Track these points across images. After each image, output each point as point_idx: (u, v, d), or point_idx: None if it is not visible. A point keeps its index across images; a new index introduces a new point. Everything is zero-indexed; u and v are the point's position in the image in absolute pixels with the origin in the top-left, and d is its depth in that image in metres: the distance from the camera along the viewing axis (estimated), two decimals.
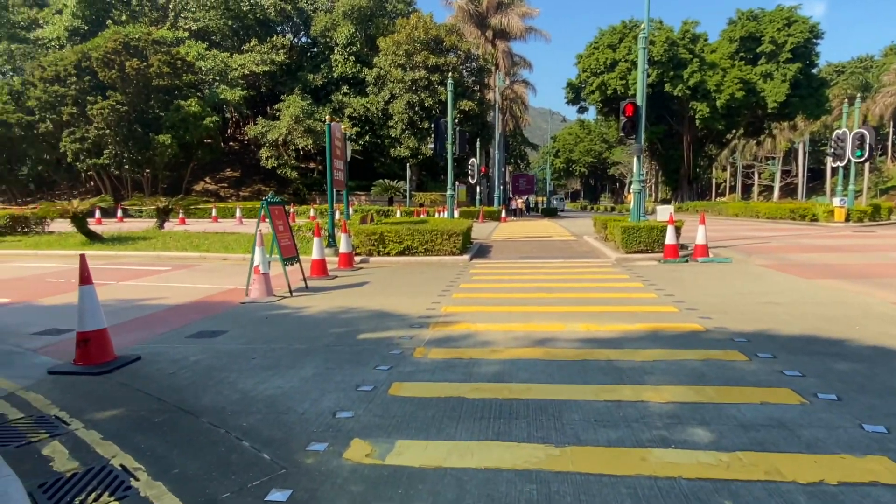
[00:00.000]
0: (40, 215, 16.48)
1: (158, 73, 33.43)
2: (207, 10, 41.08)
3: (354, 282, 10.16)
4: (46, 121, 33.00)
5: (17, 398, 4.32)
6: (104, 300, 8.33)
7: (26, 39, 38.48)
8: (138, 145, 33.82)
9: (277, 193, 44.12)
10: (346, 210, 16.30)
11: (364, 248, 13.67)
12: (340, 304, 7.98)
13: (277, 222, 9.20)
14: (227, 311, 7.67)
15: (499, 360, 5.17)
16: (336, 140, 14.70)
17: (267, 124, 39.40)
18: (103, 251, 14.28)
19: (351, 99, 42.13)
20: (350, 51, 43.00)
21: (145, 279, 10.50)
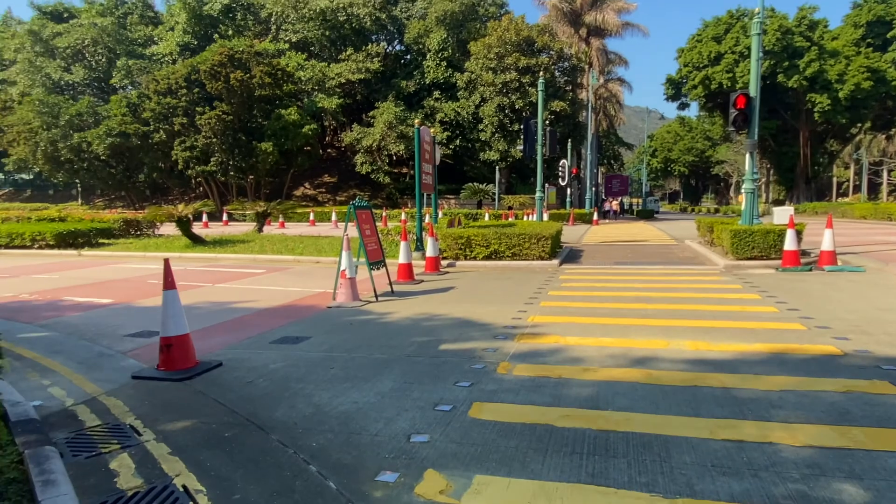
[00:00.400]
0: (149, 219, 17.67)
1: (260, 84, 35.20)
2: (306, 21, 42.81)
3: (440, 287, 9.87)
4: (160, 131, 35.67)
5: (98, 404, 4.33)
6: (198, 303, 8.59)
7: (143, 55, 41.89)
8: (242, 153, 35.77)
9: (371, 198, 45.24)
10: (435, 213, 16.13)
11: (451, 252, 13.39)
12: (424, 311, 7.69)
13: (364, 226, 9.08)
14: (313, 315, 7.60)
15: (592, 382, 4.62)
16: (425, 144, 14.55)
17: (362, 131, 40.44)
18: (204, 253, 14.97)
19: (442, 104, 42.36)
20: (442, 56, 43.27)
21: (240, 282, 10.78)
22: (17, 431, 3.43)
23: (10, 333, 6.56)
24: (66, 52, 41.51)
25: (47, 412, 4.13)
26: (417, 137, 13.93)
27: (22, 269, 12.56)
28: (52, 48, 41.76)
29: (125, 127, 35.31)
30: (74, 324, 7.11)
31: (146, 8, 48.09)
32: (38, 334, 6.55)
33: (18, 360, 5.48)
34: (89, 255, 15.53)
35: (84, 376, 5.01)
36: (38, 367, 5.25)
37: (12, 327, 6.89)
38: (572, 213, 32.40)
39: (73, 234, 16.53)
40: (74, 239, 16.53)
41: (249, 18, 45.09)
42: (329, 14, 42.27)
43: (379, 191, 44.20)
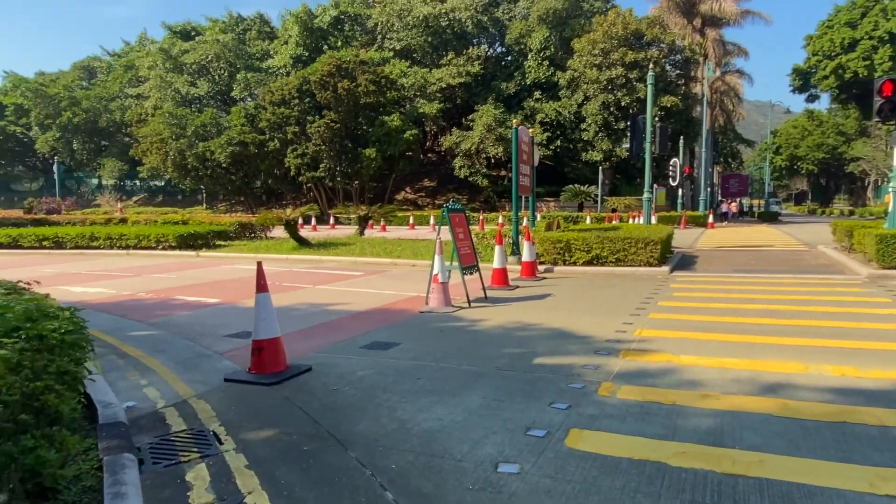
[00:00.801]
0: (261, 222, 18.58)
1: (365, 92, 36.26)
2: (410, 29, 43.60)
3: (536, 294, 9.38)
4: (274, 139, 37.74)
5: (187, 407, 4.32)
6: (298, 304, 8.71)
7: (259, 69, 44.55)
8: (348, 159, 37.03)
9: (469, 201, 45.18)
10: (532, 216, 15.58)
11: (548, 257, 12.81)
12: (518, 319, 7.25)
13: (458, 230, 8.80)
14: (405, 320, 7.41)
15: (713, 411, 3.98)
16: (523, 144, 14.08)
17: (461, 135, 40.53)
18: (309, 255, 15.42)
19: (543, 104, 41.50)
20: (544, 55, 42.41)
21: (338, 284, 10.90)
22: (102, 435, 3.43)
23: (122, 331, 6.92)
24: (192, 67, 45.14)
25: (138, 414, 4.17)
26: (515, 138, 13.49)
27: (144, 269, 13.55)
28: (180, 64, 45.59)
29: (243, 136, 37.74)
30: (181, 323, 7.39)
31: (263, 23, 51.24)
32: (146, 332, 6.85)
33: (123, 359, 5.70)
34: (206, 256, 16.53)
35: (179, 377, 5.08)
36: (140, 367, 5.41)
37: (125, 325, 7.28)
38: (684, 215, 30.42)
39: (193, 237, 17.69)
40: (194, 241, 17.69)
41: (357, 29, 46.70)
42: (431, 20, 42.78)
43: (477, 194, 44.07)
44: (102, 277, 12.01)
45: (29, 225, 21.10)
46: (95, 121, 52.26)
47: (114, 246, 17.95)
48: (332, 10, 45.05)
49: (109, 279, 11.72)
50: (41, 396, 2.36)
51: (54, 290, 10.20)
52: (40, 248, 18.35)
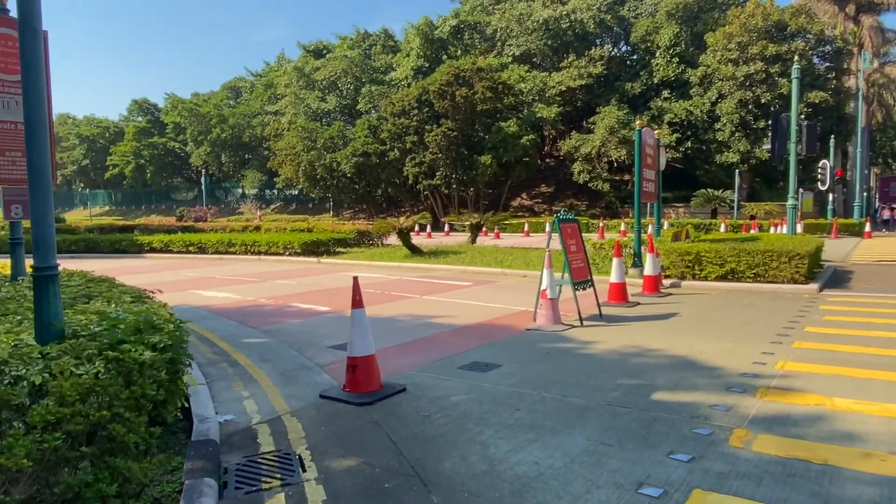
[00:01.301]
0: (375, 230, 19.05)
1: (482, 99, 36.25)
2: (529, 33, 43.04)
3: (658, 312, 8.54)
4: (394, 149, 38.89)
5: (279, 425, 4.25)
6: (402, 315, 8.62)
7: (382, 81, 46.20)
8: (464, 166, 37.23)
9: (588, 207, 43.56)
10: (657, 225, 14.48)
11: (675, 270, 11.76)
12: (636, 343, 6.57)
13: (569, 241, 8.25)
14: (510, 338, 7.02)
15: (879, 478, 3.19)
16: (647, 147, 13.13)
17: (580, 138, 39.26)
18: (420, 263, 15.49)
19: (671, 104, 39.04)
20: (673, 52, 39.95)
21: (445, 294, 10.73)
22: (190, 454, 3.40)
23: (237, 337, 7.18)
24: (322, 83, 47.89)
25: (233, 429, 4.16)
26: (638, 140, 12.60)
27: (270, 274, 14.31)
28: (312, 81, 48.57)
29: (366, 147, 39.32)
30: (291, 331, 7.55)
31: (388, 38, 53.25)
32: (258, 340, 7.05)
33: (233, 367, 5.85)
34: (326, 263, 17.21)
35: (279, 390, 5.08)
36: (245, 377, 5.50)
37: (241, 331, 7.57)
38: (835, 223, 27.04)
39: (315, 244, 18.53)
40: (316, 248, 18.52)
41: (476, 37, 47.00)
42: (552, 23, 41.92)
43: (597, 200, 42.37)
44: (232, 282, 12.82)
45: (179, 231, 23.36)
46: (240, 136, 57.21)
47: (248, 251, 19.27)
48: (452, 19, 45.69)
49: (238, 284, 12.48)
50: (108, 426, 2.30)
51: (190, 293, 11.02)
52: (187, 252, 20.18)
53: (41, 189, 3.94)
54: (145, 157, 64.78)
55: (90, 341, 3.94)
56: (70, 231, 24.07)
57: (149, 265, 17.10)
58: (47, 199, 3.98)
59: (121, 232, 24.08)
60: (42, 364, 3.54)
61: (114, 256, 20.32)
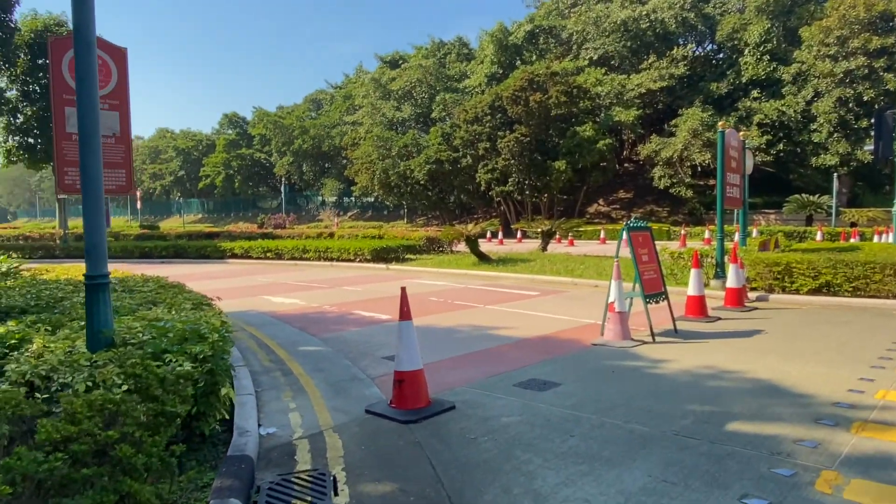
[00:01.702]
0: (444, 238, 18.94)
1: (557, 103, 35.51)
2: (607, 35, 41.87)
3: (740, 329, 7.83)
4: (467, 156, 38.82)
5: (319, 441, 4.11)
6: (462, 326, 8.38)
7: (456, 89, 46.31)
8: (537, 172, 36.58)
9: (670, 214, 41.63)
10: (742, 233, 13.46)
11: (762, 283, 10.84)
12: (711, 363, 5.99)
13: (641, 251, 7.73)
14: (573, 353, 6.62)
15: None
16: (730, 149, 12.25)
17: (661, 142, 37.62)
18: (487, 271, 15.21)
19: (761, 104, 36.68)
20: (763, 49, 37.58)
21: (510, 304, 10.40)
22: (222, 471, 3.31)
23: (296, 345, 7.20)
24: (398, 93, 48.69)
25: (274, 444, 4.07)
26: (721, 142, 11.77)
27: (339, 281, 14.49)
28: (388, 91, 49.48)
29: (439, 154, 39.51)
30: (348, 339, 7.49)
31: (462, 46, 53.46)
32: (314, 348, 7.03)
33: (286, 376, 5.82)
34: (394, 269, 17.27)
35: (326, 403, 4.97)
36: (296, 387, 5.44)
37: (300, 339, 7.59)
38: None
39: (385, 251, 18.67)
40: (386, 254, 18.65)
41: (551, 41, 46.27)
42: (630, 24, 40.57)
43: (679, 206, 40.40)
44: (302, 288, 13.07)
45: (259, 238, 24.33)
46: (320, 146, 59.19)
47: (321, 258, 19.72)
48: (527, 24, 45.17)
49: (306, 290, 12.70)
50: (117, 446, 2.21)
51: (260, 299, 11.30)
52: (264, 258, 20.92)
53: (94, 198, 4.03)
54: (234, 167, 68.37)
55: (137, 350, 3.98)
56: (162, 238, 25.62)
57: (228, 270, 17.82)
58: (99, 209, 4.06)
59: (207, 238, 25.39)
60: (87, 372, 3.58)
61: (199, 261, 21.38)
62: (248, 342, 7.34)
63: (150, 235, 26.29)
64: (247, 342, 7.33)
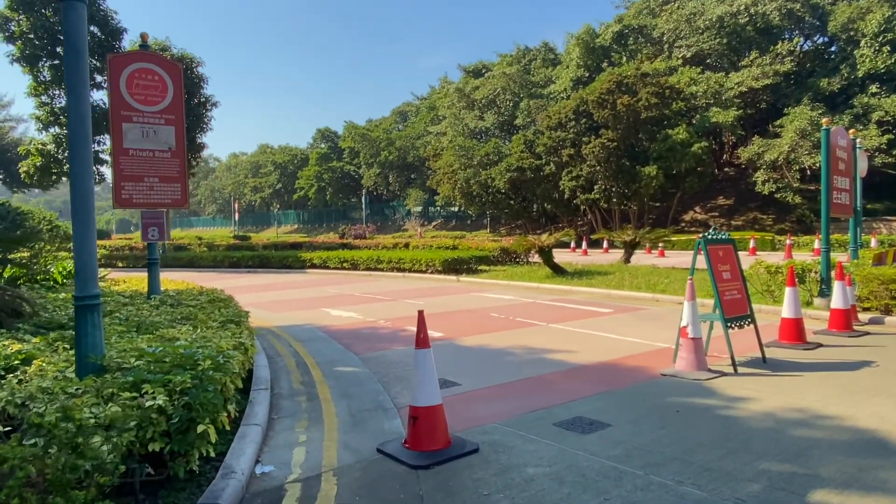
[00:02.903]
0: (515, 249, 18.18)
1: (647, 106, 33.69)
2: (701, 33, 39.36)
3: (844, 359, 6.61)
4: (550, 163, 37.69)
5: (312, 486, 3.65)
6: (515, 347, 7.69)
7: (541, 95, 45.24)
8: (625, 178, 34.82)
9: (776, 222, 38.26)
10: (853, 245, 11.77)
11: (877, 302, 9.31)
12: (802, 405, 4.97)
13: (721, 267, 6.72)
14: (634, 385, 5.79)
15: None
16: (837, 150, 10.75)
17: (764, 143, 34.62)
18: (560, 285, 14.33)
19: (881, 100, 32.89)
20: (883, 39, 33.75)
21: (577, 322, 9.57)
22: None
23: (333, 364, 6.84)
24: (481, 102, 48.39)
25: (262, 487, 3.65)
26: (825, 142, 10.34)
27: (404, 293, 14.18)
28: (471, 101, 49.31)
29: (522, 162, 38.68)
30: (390, 360, 7.05)
31: (548, 51, 52.34)
32: (351, 369, 6.64)
33: (310, 401, 5.44)
34: (465, 281, 16.77)
35: (339, 437, 4.52)
36: (314, 415, 5.04)
37: (341, 358, 7.23)
38: None
39: (457, 262, 18.22)
40: (457, 265, 18.20)
41: (641, 41, 44.20)
42: (728, 19, 37.89)
43: (786, 213, 37.00)
44: (365, 300, 12.86)
45: (338, 248, 24.69)
46: (405, 157, 60.15)
47: (393, 269, 19.61)
48: (615, 25, 43.42)
49: (369, 302, 12.46)
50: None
51: (319, 311, 11.17)
52: (341, 268, 21.14)
53: (84, 216, 3.80)
54: (326, 179, 70.96)
55: (125, 377, 3.71)
56: (250, 248, 26.69)
57: (301, 280, 18.08)
58: (90, 227, 3.83)
59: (291, 249, 26.14)
60: (60, 403, 3.32)
61: (280, 271, 21.96)
62: (287, 361, 7.08)
63: (239, 246, 27.46)
64: (286, 361, 7.08)
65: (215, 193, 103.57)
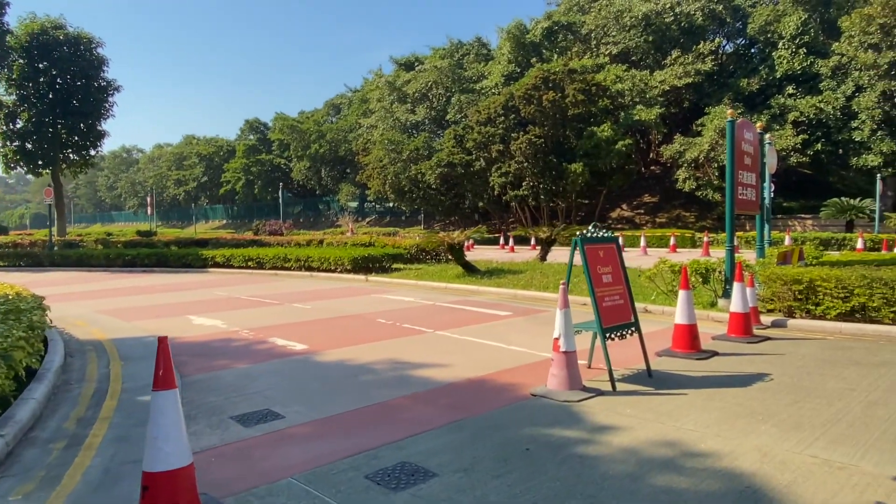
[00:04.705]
0: (423, 246, 17.21)
1: (573, 103, 33.49)
2: (627, 30, 39.58)
3: (739, 371, 5.93)
4: (480, 159, 37.00)
5: None
6: (379, 361, 6.44)
7: (473, 90, 44.52)
8: (553, 175, 34.55)
9: (698, 219, 39.02)
10: (760, 243, 11.41)
11: (780, 304, 8.84)
12: (676, 437, 4.14)
13: (601, 269, 5.89)
14: (495, 412, 4.86)
15: None
16: (743, 143, 10.28)
17: (686, 142, 35.09)
18: (469, 285, 13.44)
19: (797, 100, 33.91)
20: (799, 42, 34.81)
21: (468, 328, 8.65)
22: None
23: (138, 392, 5.58)
24: (413, 96, 47.23)
25: None
26: (731, 134, 9.87)
27: (298, 296, 12.92)
28: (403, 94, 48.08)
29: (452, 157, 37.82)
30: (220, 384, 5.85)
31: (481, 46, 51.71)
32: None
33: (68, 449, 4.20)
34: (373, 281, 15.65)
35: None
36: (55, 472, 3.82)
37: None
38: None
39: (367, 260, 17.06)
40: (368, 264, 17.04)
41: (570, 38, 44.15)
42: (653, 17, 38.20)
43: (708, 210, 37.77)
44: (249, 305, 11.54)
45: (246, 246, 23.01)
46: (336, 150, 58.24)
47: (301, 267, 18.24)
48: (544, 21, 43.18)
49: (250, 307, 11.15)
50: None
51: (181, 319, 9.80)
52: (246, 267, 19.56)
53: None
54: (254, 172, 68.03)
55: None
56: (150, 245, 24.57)
57: (193, 282, 16.46)
58: None
59: (196, 245, 24.20)
60: None
61: (178, 271, 20.15)
62: (85, 387, 5.77)
63: (138, 243, 25.22)
64: (84, 387, 5.76)
65: (136, 187, 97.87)
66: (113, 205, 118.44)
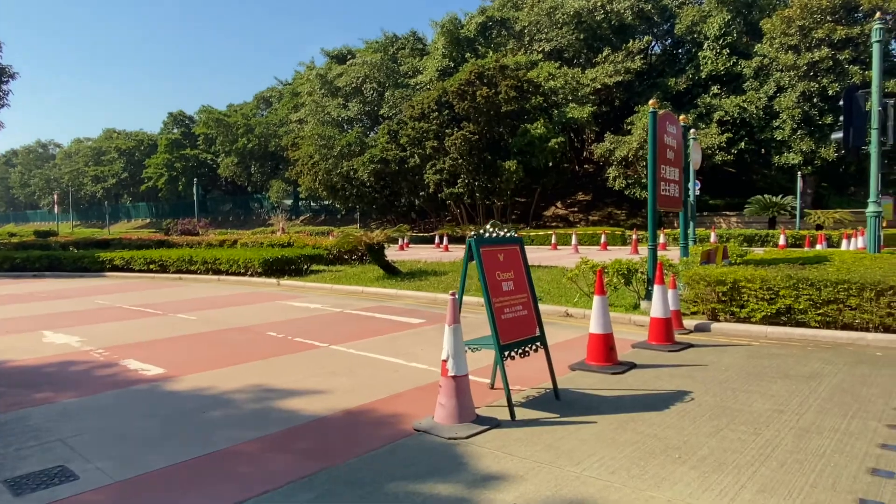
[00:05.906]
0: (338, 246, 16.08)
1: (507, 99, 33.00)
2: (560, 27, 39.52)
3: (657, 389, 5.19)
4: (414, 155, 35.98)
5: None
6: (253, 387, 5.15)
7: (408, 85, 43.44)
8: (487, 173, 33.98)
9: (629, 217, 39.45)
10: (683, 241, 10.94)
11: (703, 307, 8.29)
12: (575, 492, 3.28)
13: (500, 276, 5.02)
14: (364, 457, 3.87)
15: None
16: (666, 136, 9.72)
17: (616, 140, 35.29)
18: (388, 288, 12.43)
19: (722, 100, 34.71)
20: (723, 43, 35.66)
21: (371, 340, 7.65)
22: None
23: None
24: (345, 90, 45.65)
25: None
26: (653, 127, 9.24)
27: (192, 303, 11.55)
28: (335, 88, 46.40)
29: (386, 154, 36.62)
30: (31, 424, 4.60)
31: (416, 41, 50.62)
32: None
33: None
34: (285, 285, 14.40)
35: None
36: None
37: None
38: None
39: (281, 262, 15.77)
40: (282, 266, 15.76)
41: (504, 34, 43.78)
42: (584, 15, 38.28)
43: (638, 208, 38.22)
44: (128, 316, 10.10)
45: (152, 247, 21.15)
46: (266, 145, 55.83)
47: (209, 270, 16.73)
48: (479, 16, 42.65)
49: (128, 319, 9.73)
50: None
51: (33, 336, 8.33)
52: (147, 270, 17.81)
53: None
54: (178, 168, 64.49)
55: None
56: (43, 247, 22.24)
57: (79, 288, 14.70)
58: None
59: (97, 247, 22.09)
60: None
61: (72, 275, 18.16)
62: None
63: (30, 244, 22.83)
64: None
65: (52, 184, 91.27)
66: (28, 203, 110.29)
